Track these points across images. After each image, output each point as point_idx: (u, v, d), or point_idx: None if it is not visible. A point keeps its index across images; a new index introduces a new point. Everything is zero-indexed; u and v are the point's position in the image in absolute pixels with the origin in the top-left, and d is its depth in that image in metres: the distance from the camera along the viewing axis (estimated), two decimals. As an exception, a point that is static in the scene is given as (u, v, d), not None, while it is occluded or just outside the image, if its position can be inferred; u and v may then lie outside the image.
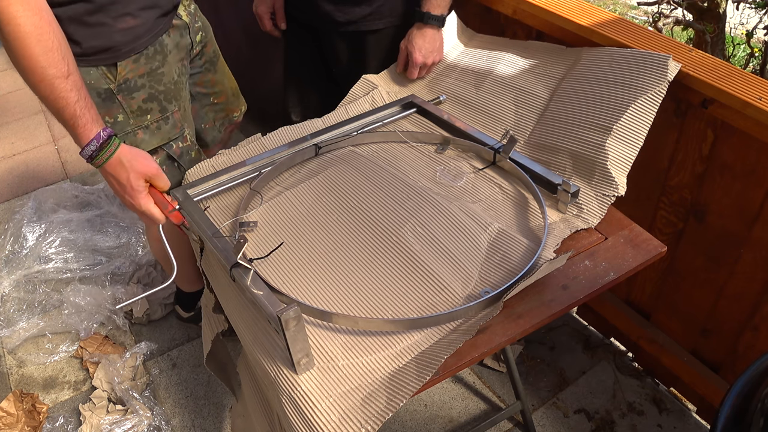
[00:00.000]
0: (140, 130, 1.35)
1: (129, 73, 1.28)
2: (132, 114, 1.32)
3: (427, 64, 1.53)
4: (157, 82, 1.34)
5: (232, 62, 2.77)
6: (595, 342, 1.88)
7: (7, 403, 1.72)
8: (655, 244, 1.13)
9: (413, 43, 1.50)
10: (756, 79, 1.23)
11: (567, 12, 1.48)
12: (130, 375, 1.79)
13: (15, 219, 2.32)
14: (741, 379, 0.78)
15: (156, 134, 1.37)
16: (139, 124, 1.34)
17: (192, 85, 1.54)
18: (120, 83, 1.28)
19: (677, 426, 1.66)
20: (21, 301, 2.06)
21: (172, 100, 1.38)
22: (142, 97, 1.32)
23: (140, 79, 1.30)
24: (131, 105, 1.31)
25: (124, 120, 1.32)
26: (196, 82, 1.55)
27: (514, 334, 0.99)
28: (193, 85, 1.54)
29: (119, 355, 1.86)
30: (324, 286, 1.07)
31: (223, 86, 1.64)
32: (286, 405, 0.93)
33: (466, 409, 1.72)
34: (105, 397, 1.75)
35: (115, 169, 1.13)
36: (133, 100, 1.31)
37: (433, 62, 1.54)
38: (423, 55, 1.50)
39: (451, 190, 1.27)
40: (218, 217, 1.24)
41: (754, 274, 1.36)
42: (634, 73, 1.28)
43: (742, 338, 1.45)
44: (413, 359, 0.95)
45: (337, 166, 1.34)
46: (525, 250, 1.10)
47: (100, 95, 1.27)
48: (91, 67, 1.24)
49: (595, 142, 1.24)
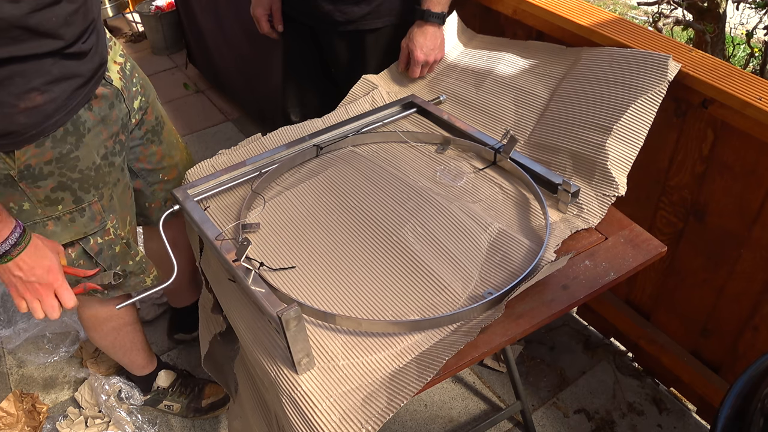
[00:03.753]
0: (50, 221, 1.15)
1: (30, 159, 1.06)
2: (39, 204, 1.12)
3: (429, 62, 1.52)
4: (70, 170, 1.12)
5: (232, 63, 2.78)
6: (595, 342, 1.88)
7: (7, 403, 1.72)
8: (655, 244, 1.13)
9: (414, 41, 1.49)
10: (756, 79, 1.23)
11: (567, 12, 1.48)
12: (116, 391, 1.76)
13: (15, 219, 2.32)
14: (741, 379, 0.78)
15: (69, 227, 1.17)
16: (48, 215, 1.14)
17: (132, 161, 1.34)
18: (21, 170, 1.07)
19: (677, 426, 1.66)
20: (21, 301, 2.06)
21: (91, 189, 1.17)
22: (50, 186, 1.11)
23: (46, 167, 1.09)
24: (37, 194, 1.11)
25: (30, 209, 1.12)
26: (138, 157, 1.35)
27: (514, 334, 0.99)
28: (134, 161, 1.34)
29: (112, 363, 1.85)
30: (324, 285, 1.07)
31: (172, 159, 1.42)
32: (287, 405, 0.93)
33: (466, 409, 1.72)
34: (78, 413, 1.73)
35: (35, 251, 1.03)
36: (39, 189, 1.10)
37: (435, 60, 1.53)
38: (425, 53, 1.50)
39: (451, 190, 1.27)
40: (218, 217, 1.24)
41: (754, 274, 1.36)
42: (634, 73, 1.28)
43: (742, 338, 1.46)
44: (414, 359, 0.95)
45: (338, 166, 1.34)
46: (525, 251, 1.10)
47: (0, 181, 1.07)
48: None
49: (595, 142, 1.24)
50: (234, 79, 2.87)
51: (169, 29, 3.47)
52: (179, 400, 1.71)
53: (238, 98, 2.97)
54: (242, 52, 2.60)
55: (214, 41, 2.83)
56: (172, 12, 3.38)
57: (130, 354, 1.61)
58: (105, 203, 1.22)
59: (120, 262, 1.30)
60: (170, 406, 1.71)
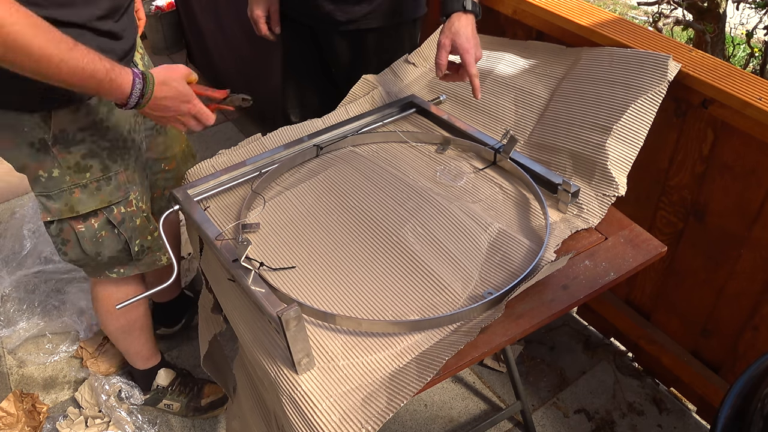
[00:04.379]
0: (77, 189, 1.22)
1: (66, 124, 1.14)
2: (68, 170, 1.19)
3: (479, 59, 1.27)
4: (101, 138, 1.20)
5: (232, 63, 2.78)
6: (595, 342, 1.88)
7: (7, 403, 1.72)
8: (655, 244, 1.13)
9: (462, 35, 1.24)
10: (756, 79, 1.23)
11: (567, 12, 1.48)
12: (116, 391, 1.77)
13: (15, 219, 2.32)
14: (741, 379, 0.78)
15: (95, 195, 1.24)
16: (76, 182, 1.21)
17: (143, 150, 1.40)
18: (55, 134, 1.14)
19: (677, 426, 1.66)
20: (21, 301, 2.06)
21: (118, 159, 1.24)
22: (81, 152, 1.18)
23: (80, 133, 1.17)
24: (68, 160, 1.18)
25: (59, 176, 1.19)
26: (148, 146, 1.42)
27: (514, 334, 0.99)
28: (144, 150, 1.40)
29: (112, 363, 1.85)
30: (324, 285, 1.07)
31: (173, 151, 1.50)
32: (287, 405, 0.93)
33: (466, 409, 1.72)
34: (78, 413, 1.73)
35: (162, 91, 1.06)
36: (70, 155, 1.17)
37: (479, 58, 1.28)
38: (474, 47, 1.25)
39: (451, 190, 1.27)
40: (218, 217, 1.24)
41: (754, 274, 1.36)
42: (634, 73, 1.28)
43: (742, 338, 1.46)
44: (414, 359, 0.95)
45: (338, 166, 1.34)
46: (525, 251, 1.10)
47: (33, 145, 1.15)
48: (26, 114, 1.11)
49: (595, 142, 1.24)
50: (234, 79, 2.86)
51: (169, 29, 3.47)
52: (179, 399, 1.71)
53: (238, 98, 2.97)
54: (242, 52, 2.60)
55: (214, 41, 2.83)
56: (172, 12, 3.38)
57: (138, 341, 1.63)
58: (129, 175, 1.28)
59: (139, 236, 1.35)
60: (170, 405, 1.72)
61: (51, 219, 1.26)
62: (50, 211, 1.24)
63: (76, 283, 2.09)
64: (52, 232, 1.29)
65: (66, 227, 1.28)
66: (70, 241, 1.30)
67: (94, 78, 0.97)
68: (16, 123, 1.12)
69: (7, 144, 1.16)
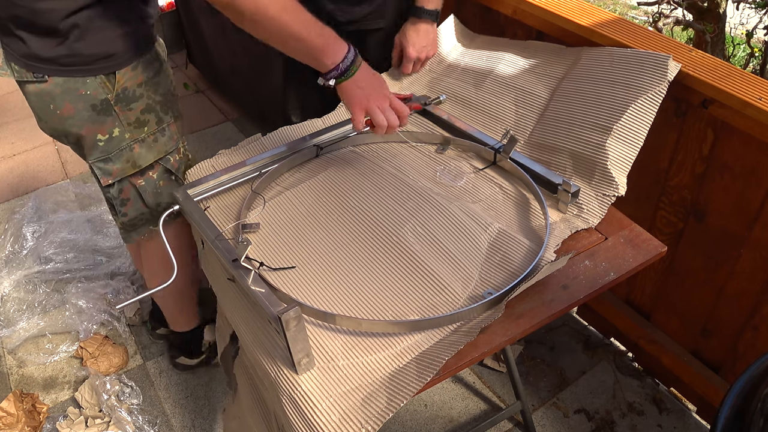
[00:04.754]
0: (137, 144, 1.30)
1: (127, 82, 1.23)
2: (129, 127, 1.27)
3: (421, 59, 1.54)
4: (154, 92, 1.29)
5: (232, 63, 2.78)
6: (595, 342, 1.88)
7: (7, 403, 1.72)
8: (655, 244, 1.13)
9: (407, 37, 1.51)
10: (756, 79, 1.23)
11: (567, 12, 1.48)
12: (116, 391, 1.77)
13: (15, 219, 2.32)
14: (741, 379, 0.78)
15: (153, 148, 1.33)
16: (135, 138, 1.29)
17: None
18: (118, 93, 1.23)
19: (677, 426, 1.66)
20: (21, 301, 2.06)
21: (168, 111, 1.34)
22: (140, 107, 1.27)
23: (138, 89, 1.26)
24: (128, 117, 1.26)
25: (119, 135, 1.27)
26: None
27: (514, 334, 0.99)
28: None
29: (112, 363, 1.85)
30: (324, 285, 1.07)
31: None
32: (287, 405, 0.93)
33: (466, 409, 1.72)
34: (78, 413, 1.74)
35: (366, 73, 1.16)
36: (130, 111, 1.26)
37: (427, 57, 1.55)
38: (417, 50, 1.52)
39: (451, 190, 1.27)
40: (218, 217, 1.24)
41: (754, 274, 1.36)
42: (634, 73, 1.28)
43: (742, 338, 1.46)
44: (414, 359, 0.95)
45: (337, 167, 1.34)
46: (525, 251, 1.10)
47: (95, 108, 1.22)
48: (89, 77, 1.19)
49: (595, 142, 1.24)
50: (234, 79, 2.86)
51: (169, 29, 3.47)
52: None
53: (238, 98, 2.97)
54: (242, 52, 2.60)
55: (214, 41, 2.83)
56: (172, 12, 3.38)
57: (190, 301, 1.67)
58: (178, 125, 1.38)
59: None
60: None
61: (112, 181, 1.32)
62: (111, 173, 1.31)
63: (76, 283, 2.09)
64: (113, 194, 1.36)
65: (126, 186, 1.35)
66: (130, 199, 1.37)
67: (321, 37, 1.10)
68: (80, 87, 1.19)
69: (70, 110, 1.21)
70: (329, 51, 1.11)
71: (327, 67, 1.13)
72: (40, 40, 1.14)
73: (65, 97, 1.19)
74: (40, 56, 1.15)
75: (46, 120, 1.25)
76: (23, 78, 1.19)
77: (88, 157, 1.30)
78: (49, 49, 1.14)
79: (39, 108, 1.23)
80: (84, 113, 1.22)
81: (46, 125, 1.27)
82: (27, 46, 1.15)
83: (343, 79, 1.14)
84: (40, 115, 1.25)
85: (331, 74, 1.14)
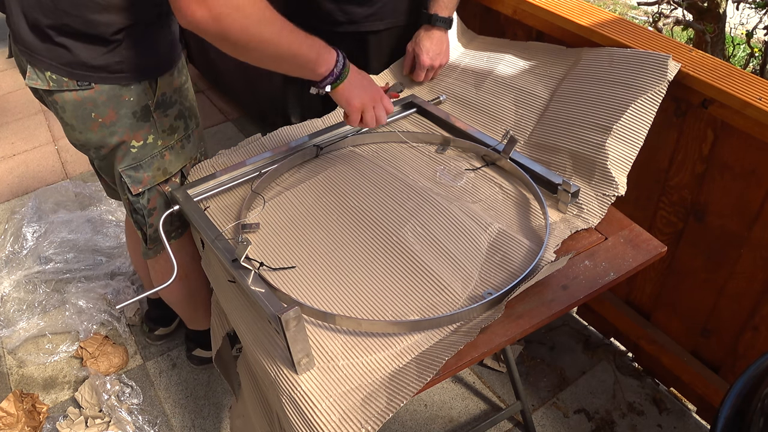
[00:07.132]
0: (167, 152, 1.29)
1: (166, 88, 1.24)
2: (162, 134, 1.27)
3: (434, 67, 1.53)
4: (185, 98, 1.30)
5: (232, 63, 2.77)
6: (595, 342, 1.88)
7: (7, 403, 1.72)
8: (655, 244, 1.13)
9: (421, 45, 1.50)
10: (756, 79, 1.23)
11: (567, 12, 1.48)
12: (116, 391, 1.77)
13: (15, 219, 2.32)
14: (741, 379, 0.78)
15: (180, 155, 1.32)
16: (166, 145, 1.28)
17: None
18: (158, 98, 1.23)
19: (677, 426, 1.66)
20: (21, 302, 2.06)
21: (193, 118, 1.35)
22: (174, 114, 1.28)
23: (174, 95, 1.26)
24: (164, 123, 1.26)
25: (153, 141, 1.26)
26: None
27: (514, 334, 0.99)
28: None
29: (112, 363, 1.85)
30: (324, 285, 1.07)
31: None
32: (286, 405, 0.93)
33: (466, 409, 1.72)
34: (78, 413, 1.74)
35: (357, 77, 1.18)
36: (166, 117, 1.26)
37: (440, 65, 1.55)
38: (431, 58, 1.51)
39: (451, 190, 1.27)
40: (218, 217, 1.24)
41: (754, 274, 1.36)
42: (634, 73, 1.28)
43: (742, 338, 1.46)
44: (414, 359, 0.95)
45: (337, 167, 1.34)
46: (525, 251, 1.10)
47: (136, 114, 1.21)
48: (134, 83, 1.18)
49: (595, 142, 1.24)
50: (234, 79, 2.86)
51: (169, 29, 3.47)
52: None
53: (238, 99, 2.97)
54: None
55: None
56: (172, 12, 3.38)
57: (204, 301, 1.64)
58: (199, 131, 1.39)
59: None
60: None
61: (142, 189, 1.30)
62: (141, 181, 1.29)
63: (76, 283, 2.09)
64: (142, 204, 1.32)
65: (153, 195, 1.33)
66: (156, 208, 1.35)
67: (313, 49, 1.10)
68: (125, 93, 1.18)
69: (112, 117, 1.20)
70: (322, 60, 1.11)
71: (322, 75, 1.13)
72: (89, 48, 1.12)
73: (109, 104, 1.17)
74: (88, 64, 1.13)
75: (82, 129, 1.20)
76: (61, 87, 1.15)
77: (119, 165, 1.26)
78: (98, 56, 1.12)
79: (77, 116, 1.18)
80: (125, 120, 1.20)
81: (80, 135, 1.22)
82: (72, 54, 1.12)
83: (339, 82, 1.15)
84: (74, 124, 1.20)
85: (326, 81, 1.13)
